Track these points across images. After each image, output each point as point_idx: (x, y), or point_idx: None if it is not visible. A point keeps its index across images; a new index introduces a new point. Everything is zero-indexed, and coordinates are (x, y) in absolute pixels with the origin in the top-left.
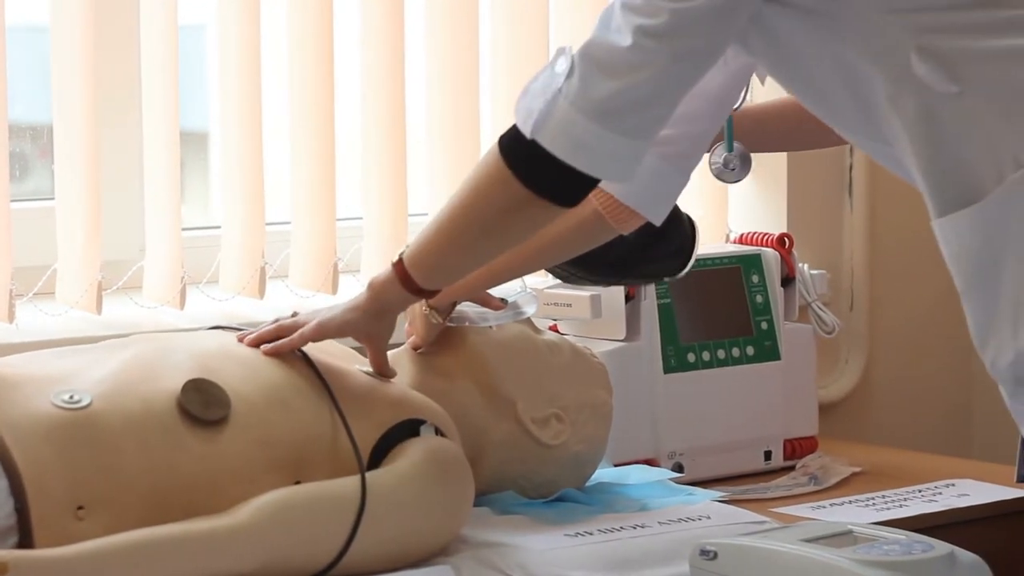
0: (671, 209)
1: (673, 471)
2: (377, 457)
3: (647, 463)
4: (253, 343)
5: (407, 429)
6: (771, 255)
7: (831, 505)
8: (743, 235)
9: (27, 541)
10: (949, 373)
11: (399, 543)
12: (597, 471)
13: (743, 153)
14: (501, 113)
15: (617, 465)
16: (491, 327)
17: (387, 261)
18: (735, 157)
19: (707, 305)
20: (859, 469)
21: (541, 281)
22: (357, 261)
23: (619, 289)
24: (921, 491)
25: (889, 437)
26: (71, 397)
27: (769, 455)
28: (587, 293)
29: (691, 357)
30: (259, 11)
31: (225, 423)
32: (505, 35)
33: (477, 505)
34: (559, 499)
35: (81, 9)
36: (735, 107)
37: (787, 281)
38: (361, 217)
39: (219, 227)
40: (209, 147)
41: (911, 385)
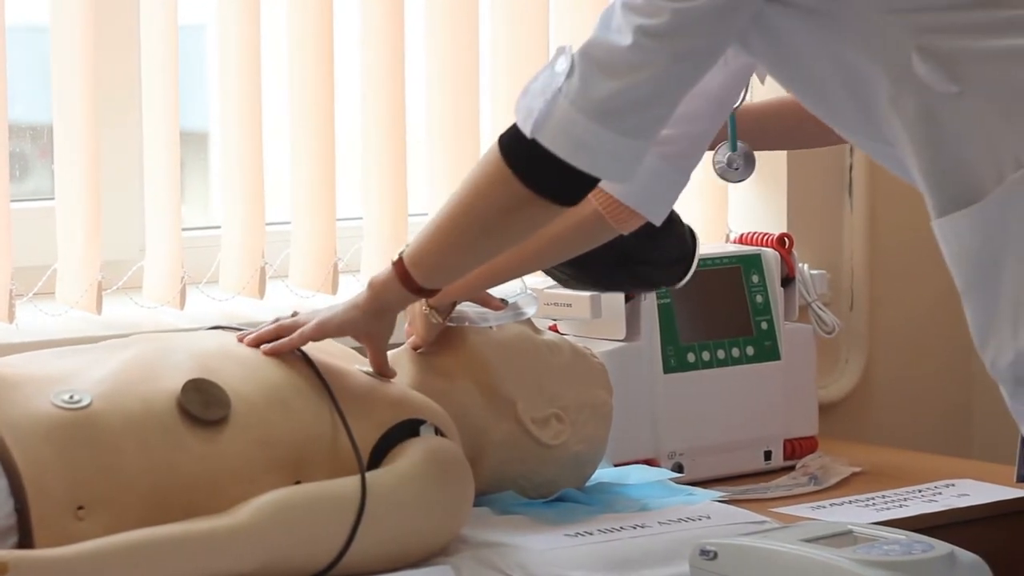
0: (676, 221)
1: (673, 471)
2: (377, 457)
3: (647, 463)
4: (253, 343)
5: (407, 429)
6: (771, 255)
7: (831, 505)
8: (743, 235)
9: (27, 541)
10: (949, 373)
11: (399, 543)
12: (597, 471)
13: (747, 152)
14: (501, 113)
15: (617, 465)
16: (491, 327)
17: (387, 261)
18: (739, 156)
19: (707, 305)
20: (859, 469)
21: (541, 281)
22: (357, 261)
23: None
24: (921, 491)
25: (889, 437)
26: (71, 397)
27: (769, 455)
28: (587, 293)
29: (691, 357)
30: (259, 11)
31: (225, 423)
32: (505, 35)
33: (477, 505)
34: (559, 499)
35: (81, 9)
36: (735, 106)
37: (787, 281)
38: (361, 217)
39: (219, 227)
40: (209, 147)
41: (911, 385)
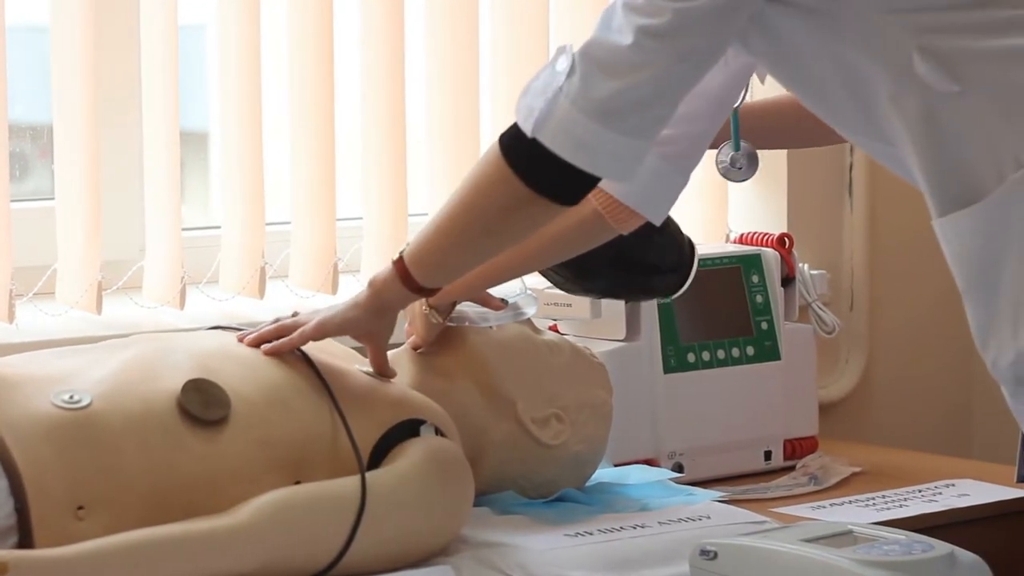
0: (676, 230)
1: (673, 471)
2: (377, 457)
3: (647, 463)
4: (253, 343)
5: (407, 429)
6: (771, 255)
7: (831, 505)
8: (743, 235)
9: (27, 541)
10: (949, 373)
11: (399, 543)
12: (597, 471)
13: (750, 152)
14: (501, 113)
15: (617, 465)
16: (491, 327)
17: (387, 261)
18: (742, 156)
19: (707, 305)
20: (859, 469)
21: (541, 281)
22: (357, 261)
23: None
24: (921, 491)
25: (889, 437)
26: (71, 397)
27: (769, 455)
28: None
29: (691, 357)
30: (259, 11)
31: (225, 423)
32: (505, 35)
33: (477, 505)
34: (559, 499)
35: (81, 9)
36: (735, 106)
37: (787, 281)
38: (361, 217)
39: (219, 227)
40: (209, 147)
41: (911, 385)
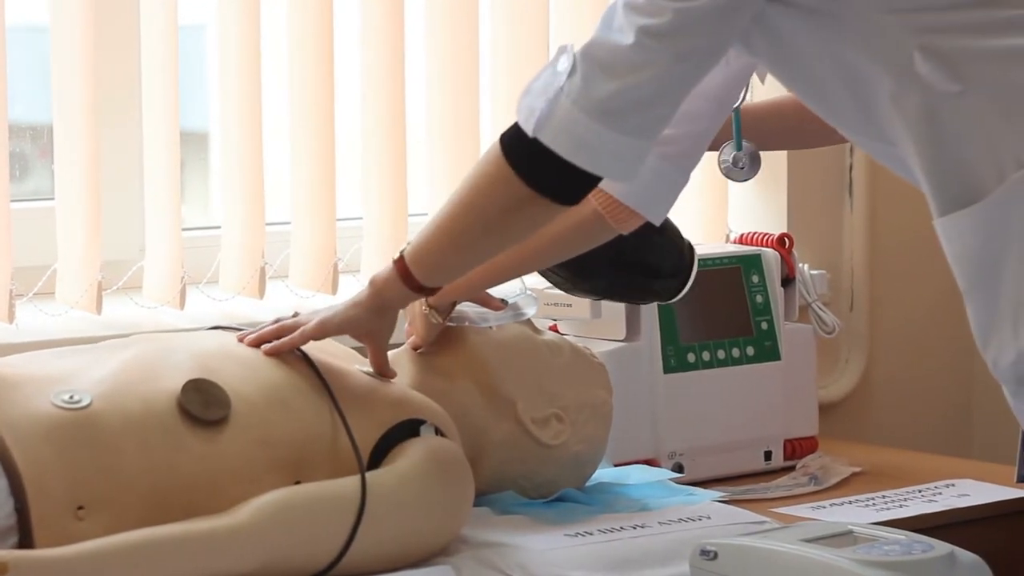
0: (676, 233)
1: (673, 471)
2: (377, 457)
3: (647, 463)
4: (253, 343)
5: (407, 429)
6: (771, 255)
7: (831, 505)
8: (743, 235)
9: (27, 541)
10: (949, 373)
11: (399, 543)
12: (597, 471)
13: (752, 152)
14: (501, 113)
15: (617, 465)
16: (491, 327)
17: (387, 261)
18: (744, 156)
19: (707, 305)
20: (859, 469)
21: (541, 282)
22: (357, 261)
23: None
24: (921, 491)
25: (889, 437)
26: (71, 397)
27: (769, 455)
28: None
29: (691, 357)
30: (259, 11)
31: (225, 423)
32: (505, 35)
33: (477, 505)
34: (559, 499)
35: (81, 9)
36: (735, 106)
37: (787, 281)
38: (361, 217)
39: (219, 227)
40: (209, 147)
41: (911, 385)
